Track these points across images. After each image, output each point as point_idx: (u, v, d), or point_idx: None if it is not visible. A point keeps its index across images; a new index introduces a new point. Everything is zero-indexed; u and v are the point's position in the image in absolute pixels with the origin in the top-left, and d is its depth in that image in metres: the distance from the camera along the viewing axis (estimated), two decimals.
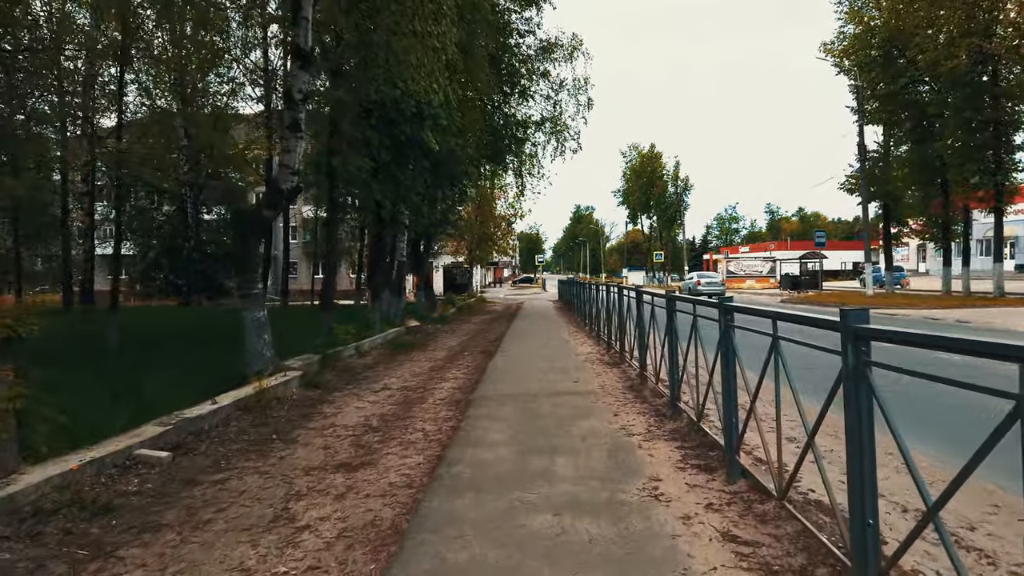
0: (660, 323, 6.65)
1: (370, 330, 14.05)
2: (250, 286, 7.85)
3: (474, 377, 8.78)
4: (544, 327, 16.89)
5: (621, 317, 9.23)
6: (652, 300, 6.84)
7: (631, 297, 8.64)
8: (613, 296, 10.59)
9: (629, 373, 8.34)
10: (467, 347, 12.97)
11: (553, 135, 24.41)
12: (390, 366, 10.40)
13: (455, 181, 19.58)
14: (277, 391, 7.35)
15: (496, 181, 34.00)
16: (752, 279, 47.98)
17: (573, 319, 19.18)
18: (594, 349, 11.26)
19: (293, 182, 7.97)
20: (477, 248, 39.56)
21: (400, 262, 17.62)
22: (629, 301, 8.52)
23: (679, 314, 5.87)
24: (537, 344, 12.51)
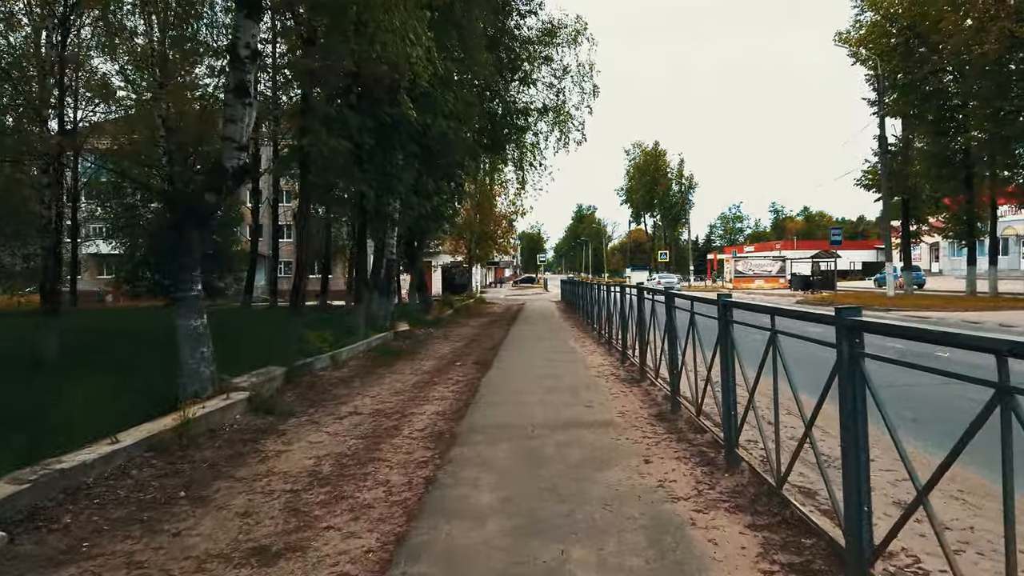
0: (702, 335, 5.12)
1: (352, 336, 12.53)
2: (185, 287, 6.33)
3: (464, 397, 7.25)
4: (547, 332, 15.35)
5: (642, 325, 7.68)
6: (691, 307, 5.27)
7: (656, 301, 7.10)
8: (629, 299, 9.04)
9: (654, 395, 6.80)
10: (460, 356, 11.43)
11: (556, 125, 22.88)
12: (368, 380, 8.87)
13: (449, 172, 18.05)
14: (212, 420, 5.83)
15: (496, 176, 32.52)
16: (761, 279, 46.41)
17: (578, 322, 17.64)
18: (606, 360, 9.71)
19: (240, 160, 6.44)
20: (476, 247, 38.02)
21: (389, 260, 16.09)
22: (654, 306, 6.95)
23: (734, 325, 4.31)
24: (540, 353, 10.96)
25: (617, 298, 10.17)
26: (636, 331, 8.03)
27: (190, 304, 6.36)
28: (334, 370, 9.80)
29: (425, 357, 11.47)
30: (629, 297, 9.13)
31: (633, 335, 8.54)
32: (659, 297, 7.05)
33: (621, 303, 9.28)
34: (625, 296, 9.29)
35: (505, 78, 19.58)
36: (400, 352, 12.01)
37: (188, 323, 6.33)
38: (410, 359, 11.15)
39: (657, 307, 7.13)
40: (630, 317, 8.79)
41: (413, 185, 13.93)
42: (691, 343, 5.42)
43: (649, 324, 7.22)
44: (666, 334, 6.04)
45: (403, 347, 12.95)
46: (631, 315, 8.67)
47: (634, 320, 8.46)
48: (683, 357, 5.60)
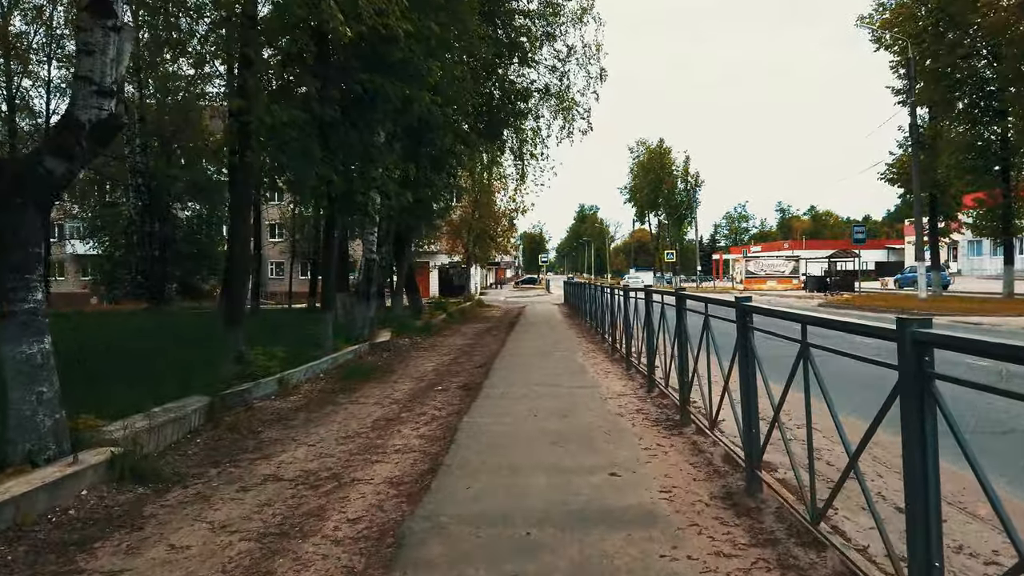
0: (779, 362, 3.04)
1: (317, 350, 10.46)
2: (16, 297, 4.25)
3: (435, 450, 5.16)
4: (550, 342, 13.24)
5: (680, 345, 5.55)
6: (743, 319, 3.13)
7: (693, 311, 4.99)
8: (658, 309, 6.93)
9: (707, 451, 4.69)
10: (444, 376, 9.33)
11: (560, 112, 20.82)
12: (316, 416, 6.78)
13: (439, 160, 15.96)
14: (36, 502, 3.76)
15: (495, 169, 30.44)
16: (773, 279, 44.27)
17: (584, 330, 15.54)
18: (625, 386, 7.60)
19: (102, 109, 4.37)
20: (475, 247, 35.94)
21: (369, 259, 14.01)
22: (706, 320, 4.82)
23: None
24: (541, 374, 8.86)
25: (635, 306, 8.08)
26: (674, 352, 5.90)
27: (23, 323, 4.27)
28: (279, 398, 7.72)
29: (401, 377, 9.38)
30: (656, 307, 7.02)
31: (666, 356, 6.43)
32: (696, 305, 4.99)
33: (647, 313, 7.15)
34: (649, 305, 7.17)
35: (502, 56, 17.50)
36: (372, 371, 9.92)
37: (18, 350, 4.25)
38: (381, 381, 9.06)
39: (690, 318, 5.03)
40: (660, 331, 6.67)
41: (396, 172, 11.87)
42: (773, 379, 3.30)
43: (700, 346, 5.08)
44: (737, 364, 3.92)
45: (378, 363, 10.86)
46: (663, 332, 6.55)
47: (665, 335, 6.35)
48: (771, 403, 3.48)
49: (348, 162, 10.30)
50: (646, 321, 7.15)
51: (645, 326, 7.22)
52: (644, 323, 7.34)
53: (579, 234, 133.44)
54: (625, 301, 8.92)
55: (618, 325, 9.98)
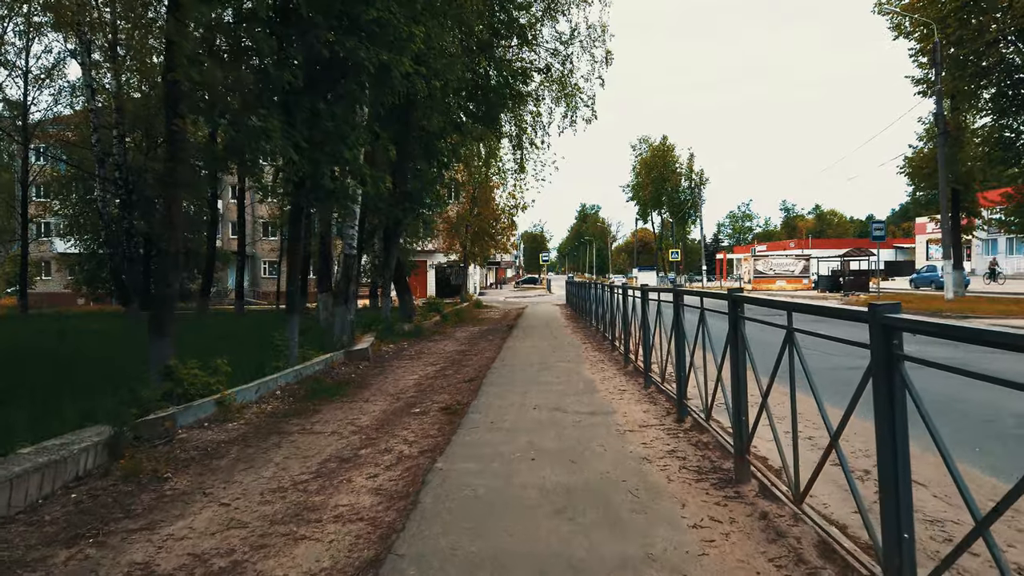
0: None
1: (279, 360, 8.95)
2: None
3: (386, 519, 3.62)
4: (550, 350, 11.70)
5: (734, 366, 3.98)
6: None
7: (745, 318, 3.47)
8: (690, 315, 5.39)
9: (784, 529, 3.16)
10: (425, 394, 7.79)
11: (562, 98, 19.28)
12: (249, 454, 5.26)
13: (429, 146, 14.45)
14: None
15: (493, 163, 28.92)
16: (783, 279, 42.68)
17: (589, 335, 14.01)
18: (649, 412, 6.04)
19: None
20: (472, 245, 34.39)
21: (348, 256, 12.48)
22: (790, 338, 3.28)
23: None
24: (541, 394, 7.32)
25: (657, 310, 6.53)
26: (720, 375, 4.35)
27: None
28: (215, 425, 6.20)
29: (375, 395, 7.85)
30: (685, 310, 5.47)
31: (705, 377, 4.88)
32: (758, 312, 3.51)
33: (677, 321, 5.58)
34: (682, 311, 5.61)
35: (499, 35, 15.96)
36: (342, 386, 8.40)
37: None
38: (350, 400, 7.53)
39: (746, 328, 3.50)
40: (695, 342, 5.12)
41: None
42: None
43: (780, 372, 3.52)
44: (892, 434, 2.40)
45: (352, 376, 9.33)
46: (697, 340, 5.00)
47: (705, 349, 4.80)
48: None
49: (314, 140, 8.78)
50: (675, 331, 5.60)
51: (673, 337, 5.67)
52: (672, 333, 5.79)
53: (580, 234, 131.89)
54: (643, 304, 7.36)
55: (633, 333, 8.43)
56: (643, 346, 7.34)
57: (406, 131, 14.53)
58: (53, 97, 39.87)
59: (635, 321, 8.40)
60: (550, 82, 19.12)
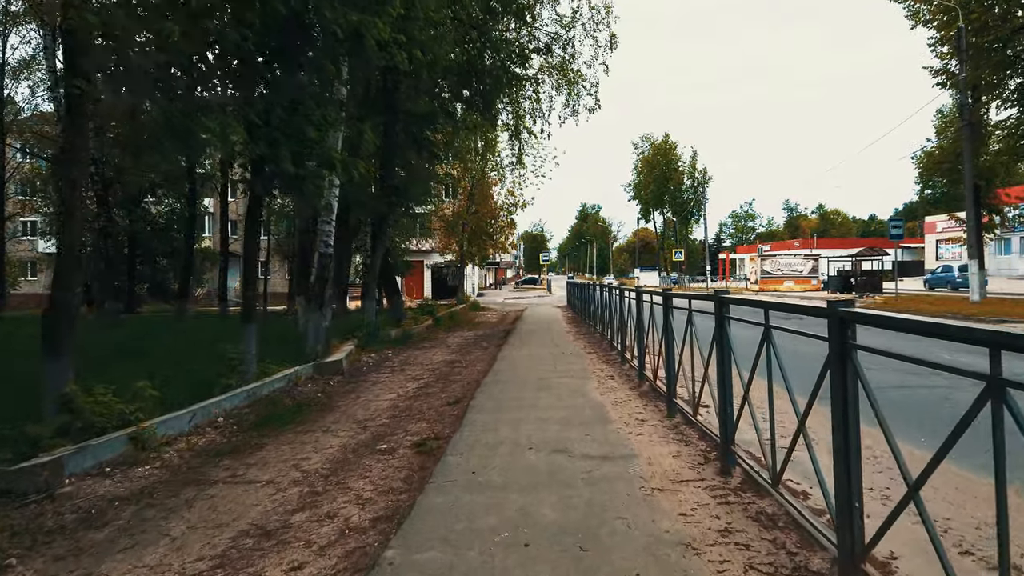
0: None
1: (231, 377, 7.57)
2: None
3: None
4: (553, 360, 10.31)
5: (842, 417, 2.62)
6: None
7: None
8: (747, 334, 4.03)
9: None
10: (397, 423, 6.40)
11: (563, 85, 17.92)
12: (140, 523, 3.89)
13: (417, 133, 13.08)
14: None
15: (490, 159, 27.57)
16: (791, 280, 41.28)
17: (593, 341, 12.62)
18: (681, 455, 4.64)
19: None
20: (469, 244, 32.98)
21: (324, 255, 11.10)
22: None
23: None
24: (539, 427, 5.92)
25: (683, 320, 5.14)
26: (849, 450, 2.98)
27: None
28: (120, 471, 4.84)
29: (337, 423, 6.46)
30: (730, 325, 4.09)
31: (757, 414, 3.50)
32: None
33: (720, 345, 4.17)
34: (727, 326, 4.21)
35: (495, 13, 14.57)
36: (302, 410, 7.02)
37: None
38: (305, 430, 6.15)
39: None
40: (748, 367, 3.74)
41: (367, 144, 9.00)
42: None
43: None
44: None
45: (316, 396, 7.94)
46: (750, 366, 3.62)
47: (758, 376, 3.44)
48: None
49: (272, 117, 7.41)
50: (716, 350, 4.20)
51: (713, 358, 4.27)
52: (711, 351, 4.40)
53: (581, 233, 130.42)
54: (665, 316, 5.95)
55: (652, 349, 7.03)
56: (666, 365, 5.94)
57: (392, 118, 13.17)
58: (30, 89, 38.53)
59: (652, 331, 7.01)
60: (550, 68, 17.78)
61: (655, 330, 6.77)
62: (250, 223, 8.25)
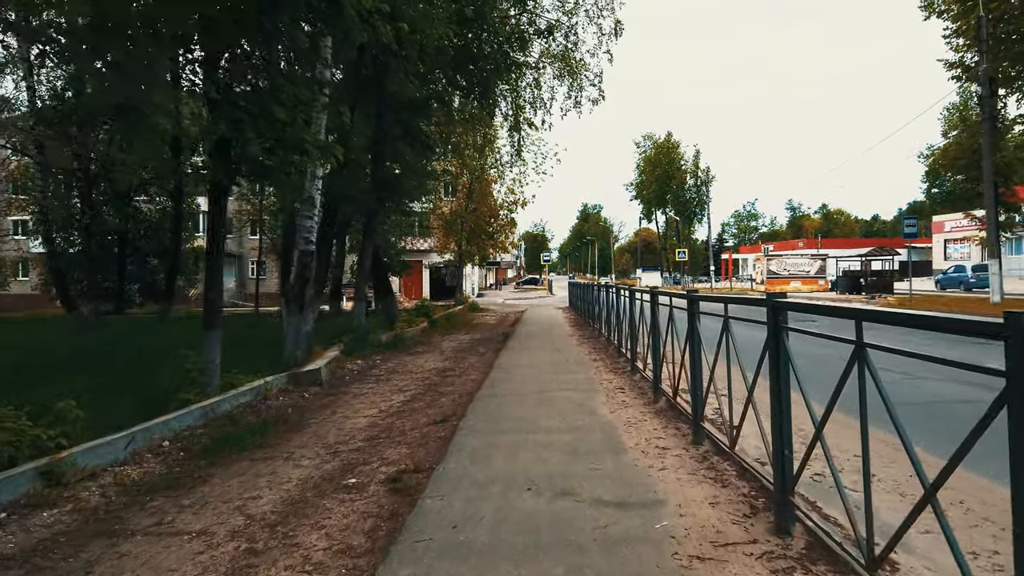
0: None
1: (190, 391, 6.65)
2: None
3: None
4: (555, 369, 9.37)
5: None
6: None
7: None
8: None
9: None
10: (373, 447, 5.45)
11: (566, 75, 16.99)
12: None
13: (410, 124, 12.17)
14: None
15: (488, 152, 26.61)
16: (798, 280, 40.29)
17: (598, 346, 11.68)
18: (720, 503, 3.68)
19: None
20: (468, 244, 32.03)
21: (304, 253, 10.16)
22: None
23: None
24: (539, 458, 4.96)
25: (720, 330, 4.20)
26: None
27: None
28: (17, 517, 3.90)
29: (304, 447, 5.52)
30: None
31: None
32: None
33: (776, 357, 3.23)
34: (783, 339, 3.26)
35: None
36: (265, 430, 6.08)
37: None
38: (264, 457, 5.21)
39: None
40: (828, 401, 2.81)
41: (358, 135, 8.08)
42: None
43: None
44: None
45: (287, 412, 7.00)
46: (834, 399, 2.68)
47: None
48: None
49: (234, 93, 6.49)
50: (771, 370, 3.25)
51: (771, 383, 3.32)
52: (757, 374, 3.46)
53: (582, 233, 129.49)
54: (693, 320, 4.99)
55: (672, 358, 6.06)
56: (690, 381, 4.99)
57: (383, 107, 12.25)
58: (14, 82, 37.66)
59: (673, 339, 6.05)
60: (552, 57, 16.86)
61: (676, 338, 5.82)
62: (214, 216, 7.30)
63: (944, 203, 62.03)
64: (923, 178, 65.27)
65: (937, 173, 61.84)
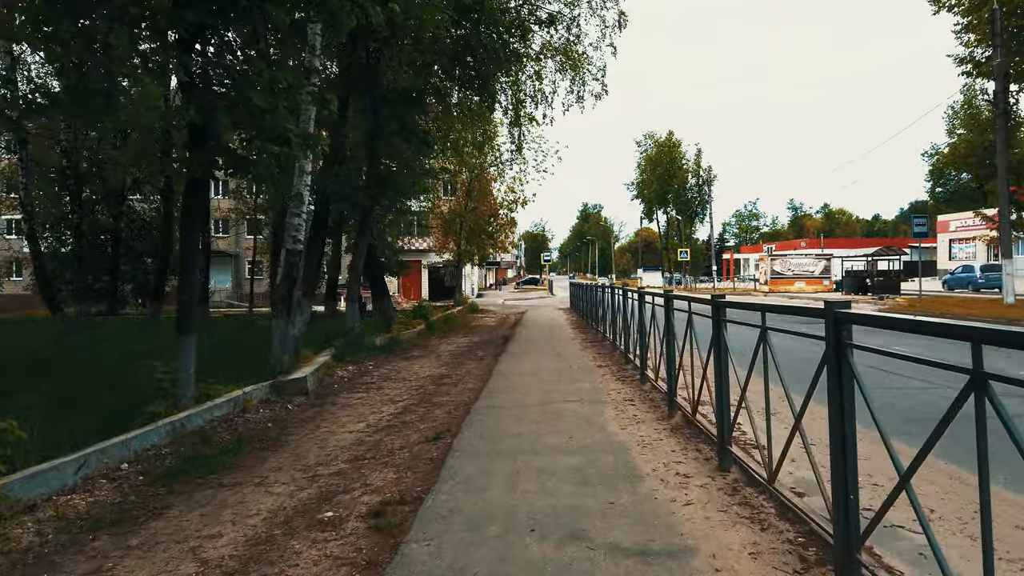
0: None
1: (160, 404, 6.07)
2: None
3: None
4: (557, 380, 8.78)
5: None
6: None
7: None
8: None
9: None
10: (355, 470, 4.85)
11: (568, 69, 16.40)
12: None
13: (405, 118, 11.61)
14: None
15: (487, 148, 26.00)
16: (802, 280, 39.70)
17: (604, 350, 11.11)
18: (762, 550, 3.10)
19: None
20: (467, 243, 31.41)
21: (291, 252, 9.56)
22: None
23: None
24: (545, 494, 4.38)
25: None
26: None
27: None
28: None
29: (279, 470, 4.93)
30: None
31: None
32: None
33: (839, 396, 2.63)
34: (847, 358, 2.68)
35: None
36: (240, 449, 5.49)
37: None
38: (233, 483, 4.62)
39: None
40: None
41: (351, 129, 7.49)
42: None
43: None
44: None
45: (266, 426, 6.41)
46: None
47: None
48: None
49: (206, 77, 5.91)
50: (833, 406, 2.67)
51: (831, 415, 2.73)
52: (808, 399, 2.88)
53: (582, 233, 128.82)
54: (718, 329, 4.39)
55: (689, 368, 5.46)
56: (716, 400, 4.39)
57: (377, 101, 11.67)
58: None
59: (691, 347, 5.46)
60: (553, 51, 16.27)
61: (696, 346, 5.22)
62: (188, 211, 6.72)
63: (948, 202, 61.37)
64: (927, 177, 64.55)
65: (942, 172, 61.17)
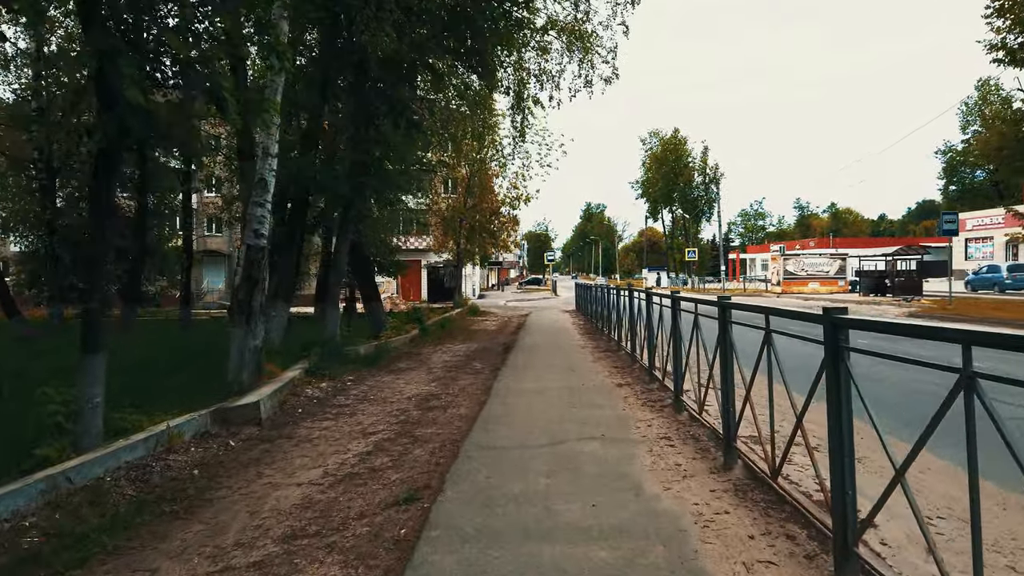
0: None
1: (51, 445, 4.56)
2: None
3: None
4: (568, 403, 7.24)
5: None
6: None
7: None
8: None
9: None
10: (284, 564, 3.35)
11: (576, 50, 14.92)
12: None
13: (392, 99, 10.13)
14: None
15: (490, 149, 24.53)
16: (816, 281, 38.11)
17: (619, 361, 9.60)
18: None
19: None
20: (468, 242, 29.89)
21: (252, 248, 8.05)
22: None
23: None
24: None
25: None
26: None
27: None
28: None
29: (183, 553, 3.41)
30: None
31: None
32: None
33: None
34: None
35: None
36: (140, 513, 3.97)
37: None
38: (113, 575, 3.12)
39: None
40: None
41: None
42: None
43: None
44: None
45: (191, 475, 4.88)
46: None
47: None
48: None
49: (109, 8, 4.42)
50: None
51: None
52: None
53: (585, 233, 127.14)
54: (767, 345, 2.91)
55: (732, 386, 3.96)
56: (833, 466, 2.87)
57: (360, 73, 10.18)
58: None
59: (771, 374, 3.95)
60: (560, 30, 14.77)
61: (777, 370, 3.70)
62: (101, 193, 5.21)
63: (960, 201, 59.71)
64: (939, 175, 62.84)
65: (955, 170, 59.45)
